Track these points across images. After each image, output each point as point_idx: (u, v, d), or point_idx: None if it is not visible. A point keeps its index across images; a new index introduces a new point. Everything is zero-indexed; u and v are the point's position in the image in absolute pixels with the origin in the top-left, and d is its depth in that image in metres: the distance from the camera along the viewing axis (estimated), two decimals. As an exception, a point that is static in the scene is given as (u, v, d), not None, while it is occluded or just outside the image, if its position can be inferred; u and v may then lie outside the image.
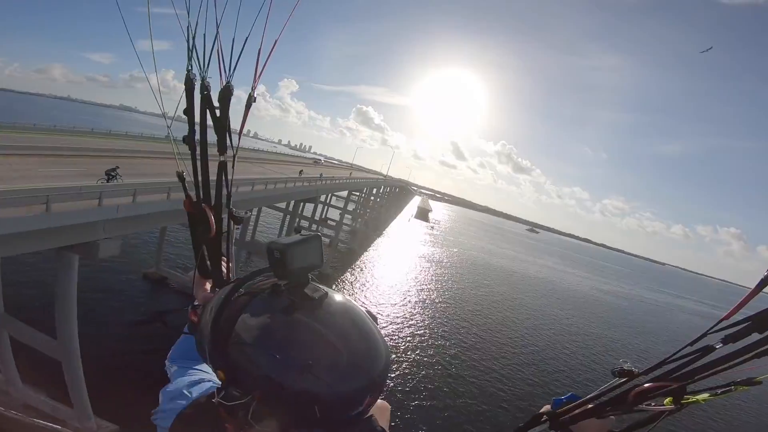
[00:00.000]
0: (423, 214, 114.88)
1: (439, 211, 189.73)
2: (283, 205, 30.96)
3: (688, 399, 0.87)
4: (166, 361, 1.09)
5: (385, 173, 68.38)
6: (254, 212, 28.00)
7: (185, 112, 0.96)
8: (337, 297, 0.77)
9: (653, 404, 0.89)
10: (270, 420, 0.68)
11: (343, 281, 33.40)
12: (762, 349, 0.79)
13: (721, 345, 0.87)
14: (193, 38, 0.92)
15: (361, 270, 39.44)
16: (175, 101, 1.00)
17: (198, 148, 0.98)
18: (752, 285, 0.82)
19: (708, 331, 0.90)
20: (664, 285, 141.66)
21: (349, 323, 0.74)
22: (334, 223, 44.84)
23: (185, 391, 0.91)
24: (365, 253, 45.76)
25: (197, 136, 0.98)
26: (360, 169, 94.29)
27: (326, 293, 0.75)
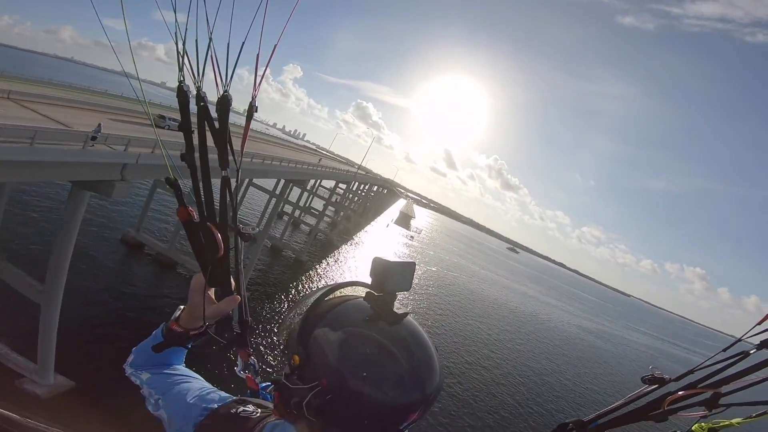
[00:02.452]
0: (405, 221, 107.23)
1: (423, 218, 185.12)
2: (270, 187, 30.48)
3: (720, 423, 0.85)
4: (127, 367, 1.07)
5: (360, 167, 57.40)
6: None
7: (180, 127, 0.90)
8: (413, 320, 0.85)
9: (687, 412, 0.88)
10: (322, 412, 0.74)
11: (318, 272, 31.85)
12: None
13: (755, 350, 0.85)
14: (184, 45, 0.86)
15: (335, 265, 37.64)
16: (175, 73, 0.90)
17: (198, 165, 0.93)
18: (706, 323, 0.86)
19: (742, 336, 0.89)
20: (637, 322, 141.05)
21: (417, 344, 0.80)
22: (317, 212, 44.07)
23: (200, 402, 0.93)
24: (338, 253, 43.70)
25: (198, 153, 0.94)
26: (336, 158, 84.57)
27: (407, 314, 0.83)
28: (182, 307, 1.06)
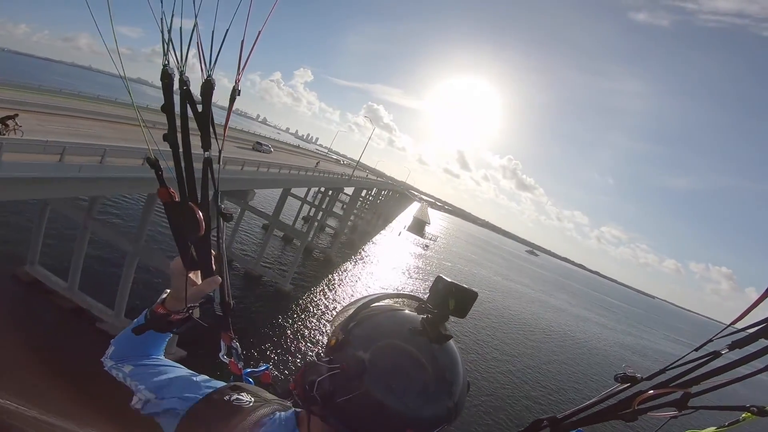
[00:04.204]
0: (418, 227, 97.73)
1: (437, 221, 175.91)
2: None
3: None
4: (106, 360, 1.05)
5: (359, 162, 49.66)
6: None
7: (163, 108, 0.89)
8: (454, 346, 0.84)
9: (657, 411, 0.89)
10: (329, 397, 0.74)
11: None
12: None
13: (727, 351, 0.86)
14: (169, 30, 0.86)
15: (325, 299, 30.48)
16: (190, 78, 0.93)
17: (180, 146, 0.94)
18: (737, 325, 0.83)
19: (714, 336, 0.89)
20: (671, 329, 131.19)
21: (452, 366, 0.80)
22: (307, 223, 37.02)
23: (192, 388, 0.92)
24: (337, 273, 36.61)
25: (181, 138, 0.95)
26: (339, 160, 79.10)
27: (451, 336, 0.82)
28: (168, 290, 1.05)
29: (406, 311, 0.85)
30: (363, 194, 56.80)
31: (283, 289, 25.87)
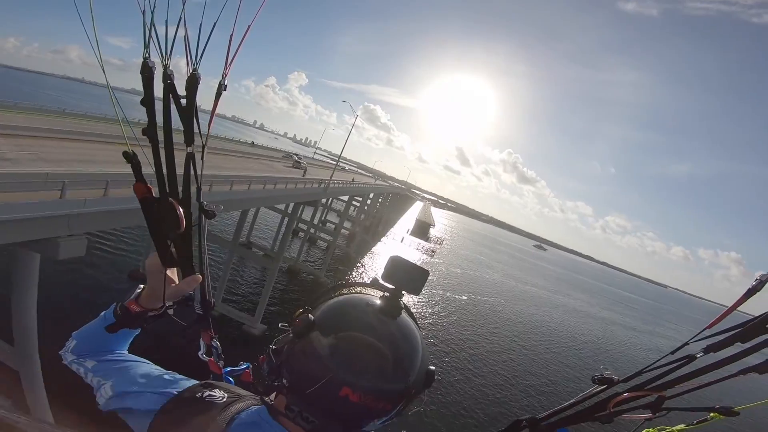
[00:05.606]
0: (422, 230, 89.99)
1: (441, 221, 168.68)
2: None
3: (665, 430, 0.93)
4: (66, 354, 1.00)
5: (340, 158, 40.83)
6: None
7: (143, 102, 0.87)
8: (409, 318, 0.83)
9: (632, 414, 0.92)
10: (285, 360, 0.77)
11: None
12: (743, 359, 0.81)
13: (702, 354, 0.87)
14: (152, 22, 0.84)
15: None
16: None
17: (162, 141, 0.93)
18: (753, 311, 0.83)
19: (690, 339, 0.91)
20: (694, 322, 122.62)
21: (402, 338, 0.78)
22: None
23: (161, 385, 0.88)
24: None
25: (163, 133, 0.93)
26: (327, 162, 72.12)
27: (404, 309, 0.83)
28: (142, 286, 1.02)
29: (368, 295, 0.84)
30: (359, 202, 50.50)
31: (251, 332, 19.74)
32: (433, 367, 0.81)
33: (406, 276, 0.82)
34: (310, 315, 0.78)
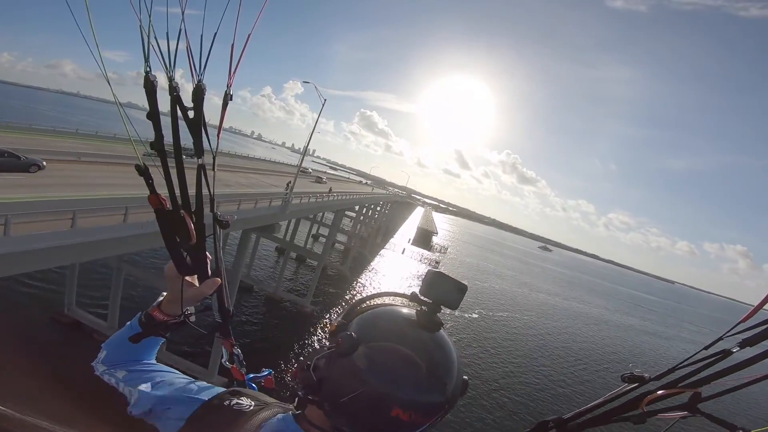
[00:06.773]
0: (424, 239, 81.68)
1: (444, 227, 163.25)
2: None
3: None
4: (98, 365, 1.02)
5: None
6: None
7: (149, 116, 0.88)
8: (445, 334, 0.84)
9: (666, 411, 0.87)
10: (326, 375, 0.76)
11: None
12: None
13: (738, 349, 0.83)
14: (149, 33, 0.83)
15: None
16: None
17: (167, 154, 0.94)
18: (755, 301, 0.81)
19: (724, 334, 0.86)
20: (711, 322, 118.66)
21: (439, 353, 0.79)
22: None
23: (190, 393, 0.91)
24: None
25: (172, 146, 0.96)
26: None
27: (443, 324, 0.83)
28: (165, 293, 1.04)
29: (405, 308, 0.85)
30: (355, 211, 45.33)
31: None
32: (466, 377, 0.82)
33: (443, 290, 0.82)
34: (353, 333, 0.76)
